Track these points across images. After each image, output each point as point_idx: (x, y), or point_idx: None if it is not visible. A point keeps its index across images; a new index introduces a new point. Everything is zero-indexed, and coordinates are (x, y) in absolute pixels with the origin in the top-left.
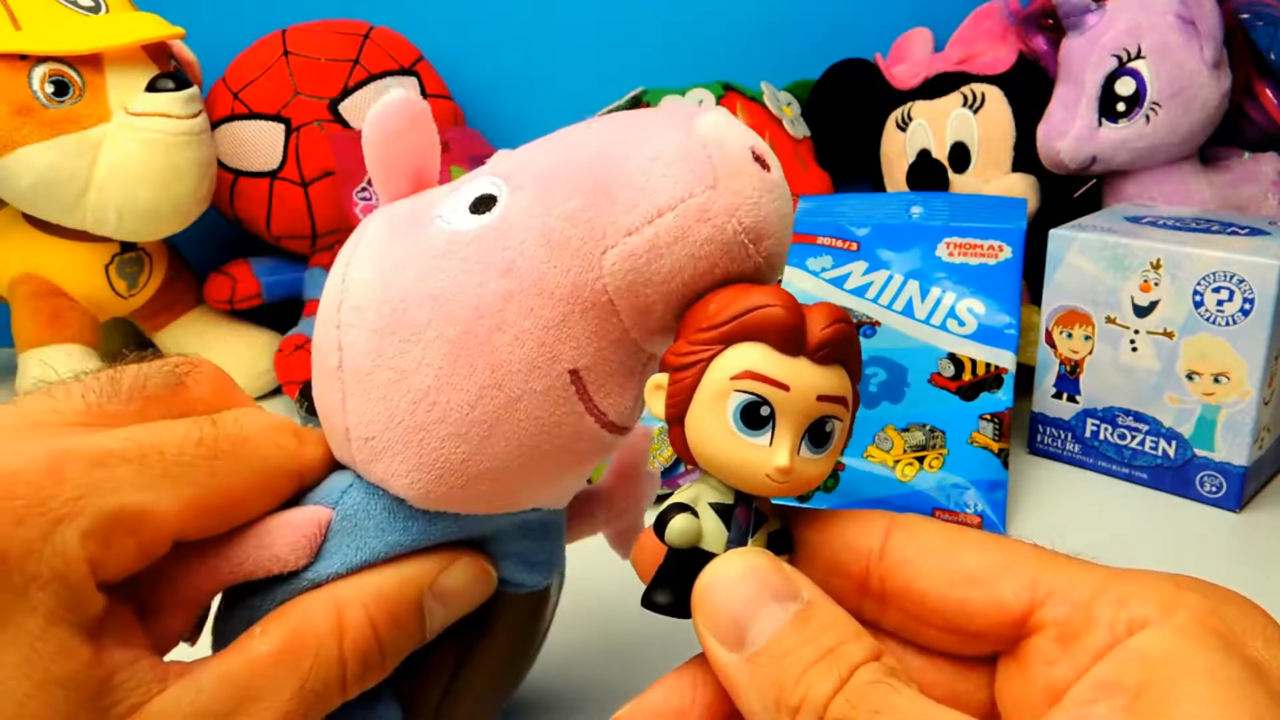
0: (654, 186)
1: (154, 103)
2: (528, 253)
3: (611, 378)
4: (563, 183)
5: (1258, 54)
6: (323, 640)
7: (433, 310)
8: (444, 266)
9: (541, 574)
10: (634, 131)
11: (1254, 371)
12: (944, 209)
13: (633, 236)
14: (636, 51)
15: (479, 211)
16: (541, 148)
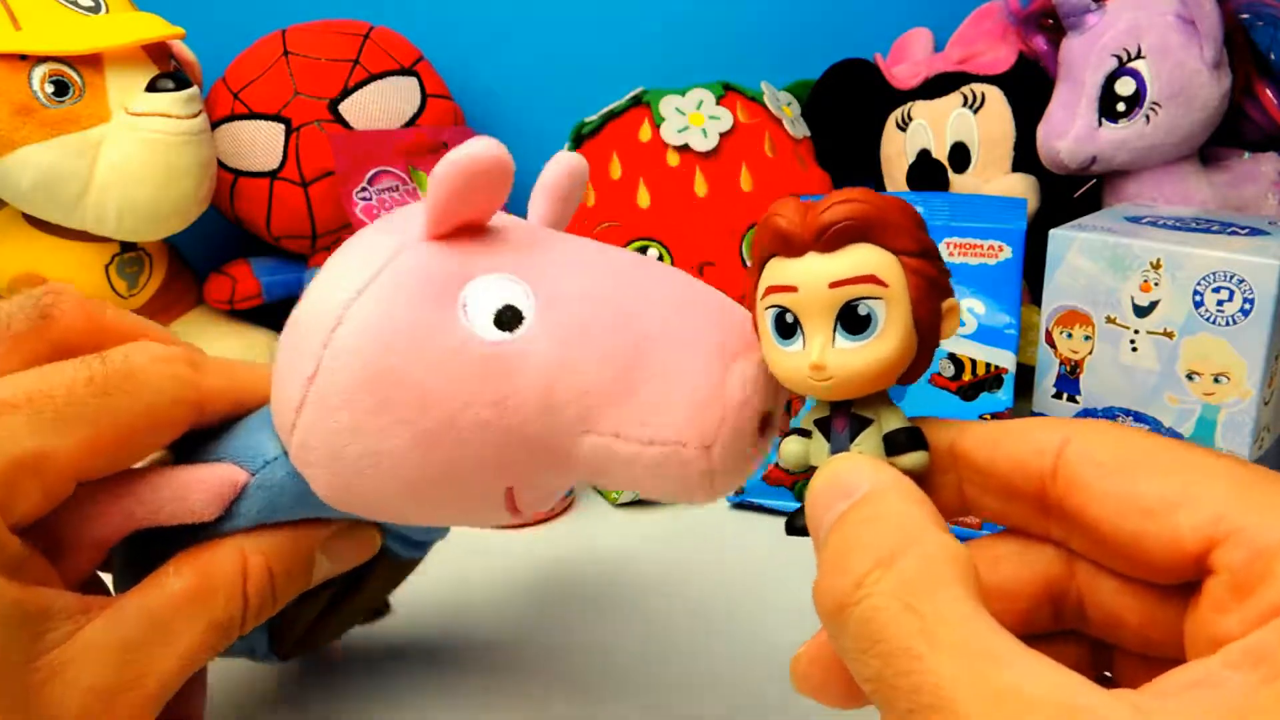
0: (661, 421)
1: (154, 103)
2: (522, 400)
3: (539, 495)
4: (590, 357)
5: (1258, 54)
6: (230, 582)
7: (416, 399)
8: (445, 370)
9: (420, 550)
10: (678, 348)
11: (1254, 371)
12: (944, 209)
13: (618, 442)
14: (636, 51)
15: (501, 325)
16: (590, 286)
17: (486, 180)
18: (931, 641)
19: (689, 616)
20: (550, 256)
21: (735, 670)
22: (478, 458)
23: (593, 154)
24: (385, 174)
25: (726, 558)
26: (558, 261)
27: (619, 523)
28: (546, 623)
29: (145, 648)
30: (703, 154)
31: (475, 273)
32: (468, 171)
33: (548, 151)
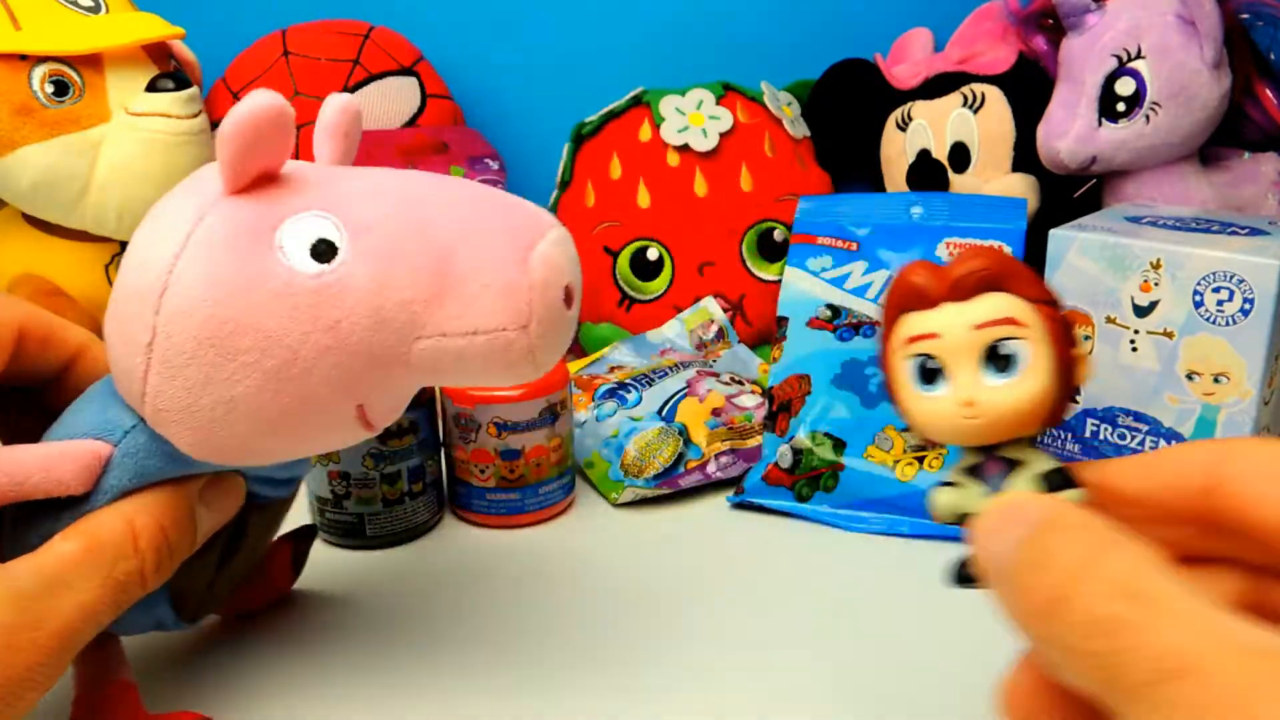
0: (479, 311)
1: (154, 103)
2: (355, 320)
3: (388, 405)
4: (404, 271)
5: (1258, 54)
6: (120, 542)
7: (256, 341)
8: (277, 308)
9: (286, 488)
10: (479, 247)
11: (1254, 371)
12: (944, 209)
13: (447, 339)
14: (636, 51)
15: (318, 257)
16: (391, 209)
17: (271, 130)
18: (1162, 613)
19: (689, 616)
20: (350, 188)
21: (735, 669)
22: (325, 383)
23: (593, 154)
24: None
25: (726, 558)
26: (358, 192)
27: (619, 523)
28: (546, 622)
29: (40, 598)
30: (703, 154)
31: (284, 215)
32: (252, 125)
33: (548, 151)
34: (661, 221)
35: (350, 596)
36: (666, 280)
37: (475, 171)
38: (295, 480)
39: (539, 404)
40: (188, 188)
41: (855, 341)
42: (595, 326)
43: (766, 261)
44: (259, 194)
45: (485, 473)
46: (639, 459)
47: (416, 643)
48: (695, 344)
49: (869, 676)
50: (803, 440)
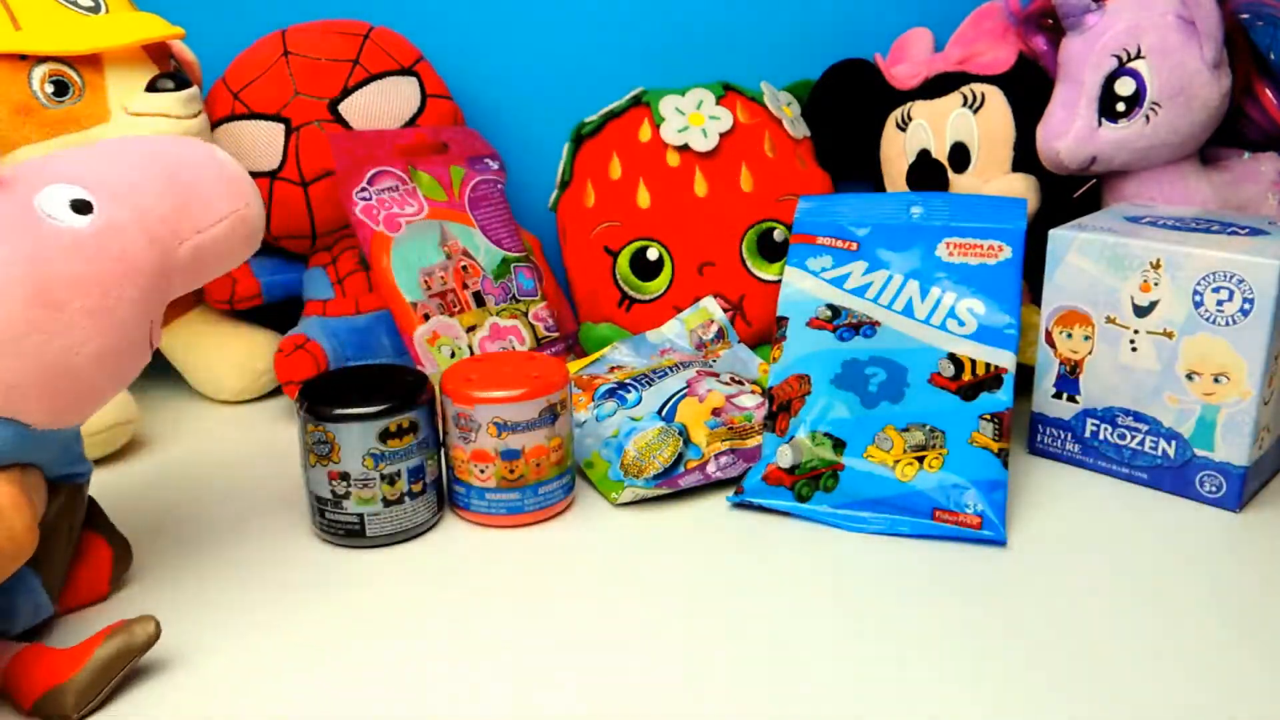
0: (214, 204)
1: (154, 103)
2: (134, 245)
3: (160, 322)
4: (152, 195)
5: (1258, 54)
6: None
7: (74, 289)
8: (74, 257)
9: (86, 464)
10: (189, 160)
11: (1254, 371)
12: (944, 209)
13: (203, 233)
14: (636, 51)
15: (82, 212)
16: (108, 165)
17: None
18: None
19: (688, 616)
20: (59, 166)
21: (734, 668)
22: (131, 308)
23: (593, 154)
24: (385, 174)
25: (726, 558)
26: (71, 161)
27: (619, 523)
28: (546, 621)
29: None
30: (703, 154)
31: (28, 194)
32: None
33: (548, 151)
34: (661, 221)
35: (350, 596)
36: (666, 280)
37: (475, 171)
38: (87, 464)
39: (539, 404)
40: None
41: (855, 341)
42: (595, 326)
43: (766, 261)
44: (11, 179)
45: (485, 472)
46: (639, 459)
47: (416, 641)
48: (695, 344)
49: (869, 675)
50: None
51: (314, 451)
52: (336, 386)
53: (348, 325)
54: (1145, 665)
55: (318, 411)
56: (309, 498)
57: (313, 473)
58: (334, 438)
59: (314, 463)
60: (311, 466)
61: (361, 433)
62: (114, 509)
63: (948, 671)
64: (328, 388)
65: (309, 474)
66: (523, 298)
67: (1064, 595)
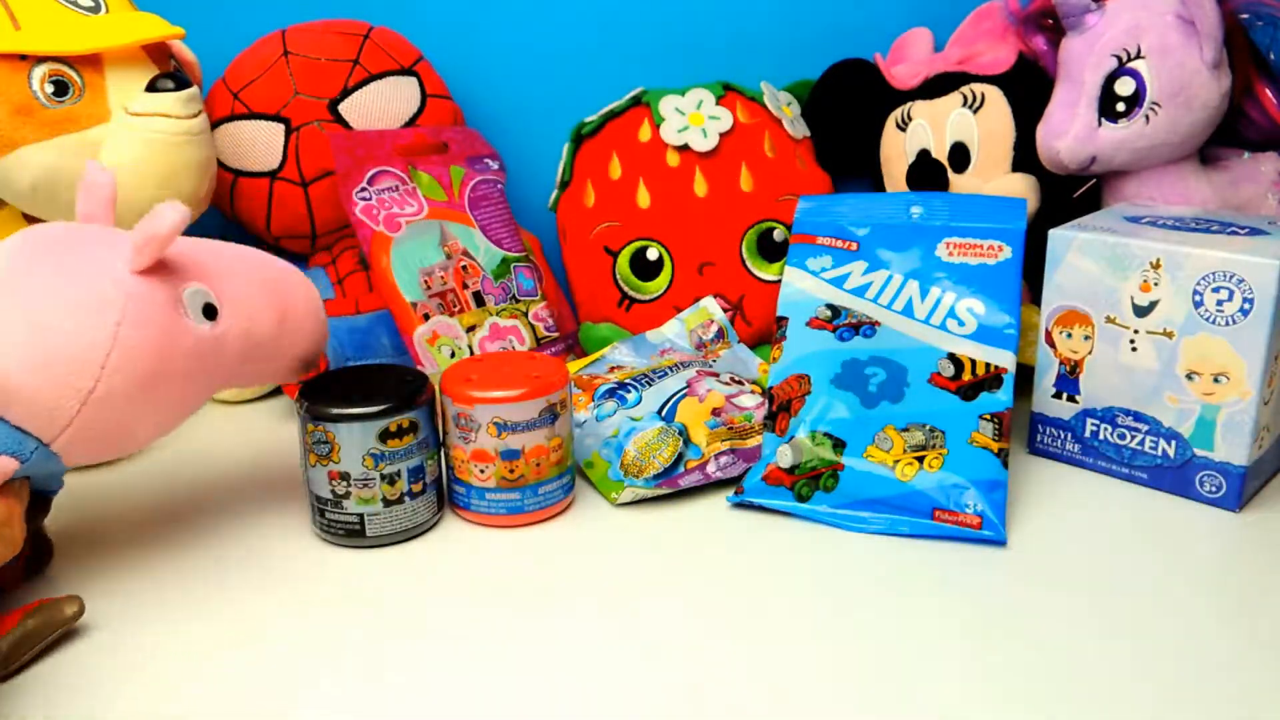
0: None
1: (154, 103)
2: (230, 360)
3: None
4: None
5: (1258, 54)
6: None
7: (173, 383)
8: (189, 357)
9: (60, 480)
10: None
11: (1254, 371)
12: (944, 209)
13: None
14: (636, 51)
15: (209, 316)
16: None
17: (176, 233)
18: None
19: (688, 615)
20: (215, 265)
21: (735, 668)
22: (203, 393)
23: (593, 154)
24: (385, 174)
25: (726, 558)
26: (222, 268)
27: (619, 523)
28: (546, 621)
29: None
30: (703, 154)
31: (181, 287)
32: (171, 234)
33: (548, 151)
34: (661, 221)
35: (349, 596)
36: (666, 280)
37: (475, 171)
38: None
39: (539, 404)
40: (86, 266)
41: (855, 341)
42: (595, 326)
43: (766, 261)
44: (159, 272)
45: (485, 472)
46: (639, 459)
47: (416, 640)
48: (695, 344)
49: (869, 675)
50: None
51: (314, 451)
52: (336, 386)
53: (348, 325)
54: (1145, 665)
55: (317, 411)
56: (309, 498)
57: (313, 473)
58: (334, 437)
59: (314, 463)
60: (312, 466)
61: (362, 432)
62: (112, 508)
63: (947, 671)
64: (328, 388)
65: (309, 474)
66: (523, 298)
67: (1064, 595)
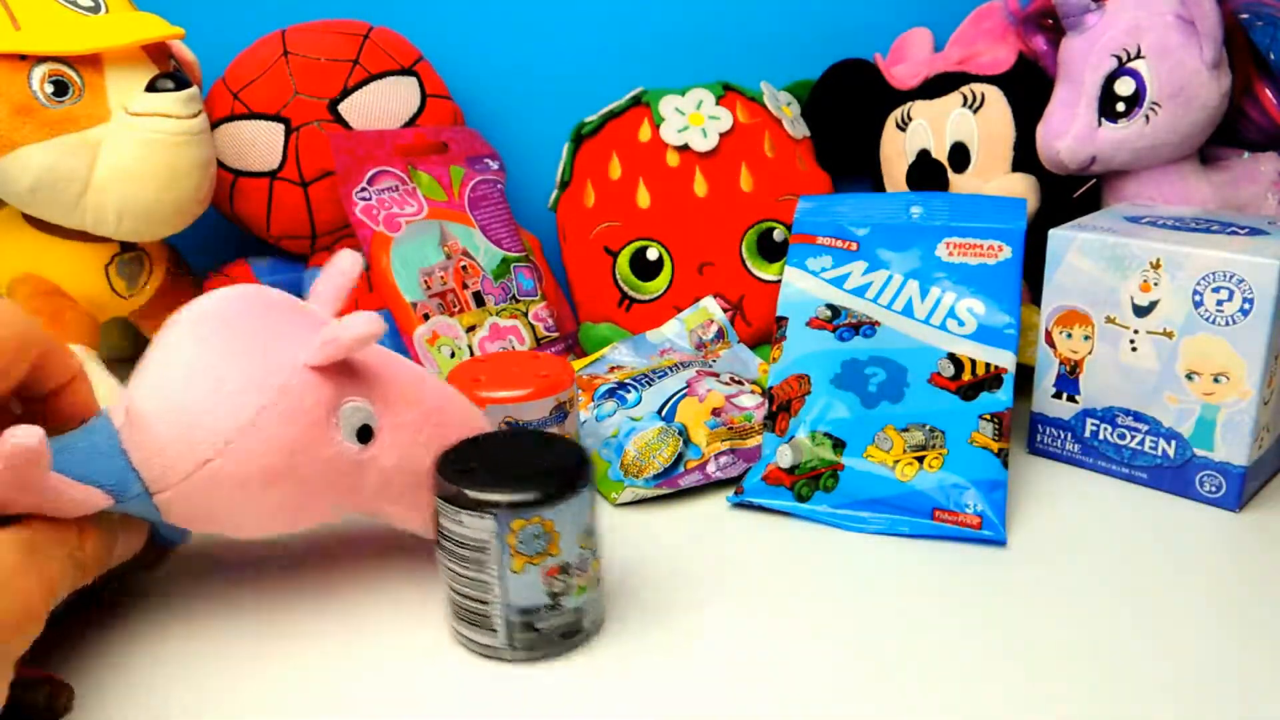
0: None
1: (154, 103)
2: (367, 487)
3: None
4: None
5: (1258, 54)
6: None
7: (293, 488)
8: (322, 469)
9: (181, 533)
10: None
11: (1254, 371)
12: (944, 209)
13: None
14: (636, 51)
15: (360, 438)
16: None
17: (370, 340)
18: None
19: (688, 616)
20: (390, 388)
21: (735, 669)
22: (326, 511)
23: (593, 154)
24: (385, 174)
25: (726, 558)
26: (394, 393)
27: (619, 523)
28: None
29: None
30: (703, 154)
31: (345, 398)
32: (365, 340)
33: (548, 151)
34: (661, 221)
35: (355, 598)
36: (666, 280)
37: (475, 171)
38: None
39: (549, 403)
40: (271, 342)
41: (855, 341)
42: (595, 326)
43: (766, 261)
44: (331, 373)
45: None
46: (639, 459)
47: (416, 640)
48: (695, 344)
49: (869, 676)
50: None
51: (521, 553)
52: (484, 471)
53: None
54: (1145, 665)
55: (528, 500)
56: (501, 616)
57: (516, 581)
58: (554, 526)
59: (520, 568)
60: (516, 574)
61: (578, 508)
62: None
63: (947, 671)
64: (477, 473)
65: (505, 585)
66: (523, 298)
67: (1064, 595)
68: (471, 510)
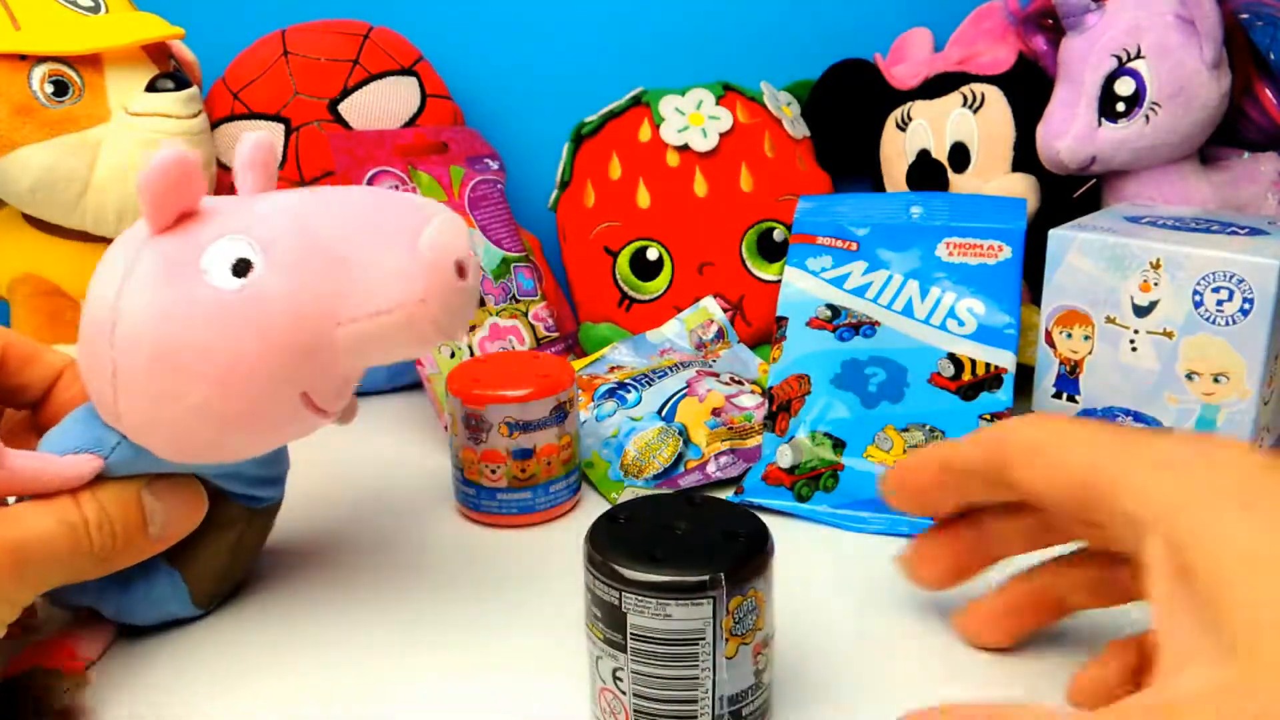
0: (379, 294)
1: (154, 103)
2: (278, 322)
3: (331, 390)
4: (312, 272)
5: (1258, 54)
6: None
7: (200, 357)
8: (211, 324)
9: (275, 490)
10: (370, 242)
11: (1254, 371)
12: (944, 209)
13: (358, 323)
14: (636, 51)
15: (239, 273)
16: (292, 223)
17: (178, 177)
18: None
19: None
20: (257, 211)
21: None
22: (267, 380)
23: (593, 154)
24: (385, 174)
25: None
26: (264, 213)
27: None
28: (548, 621)
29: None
30: (703, 154)
31: (204, 244)
32: (161, 177)
33: (548, 151)
34: (661, 221)
35: (358, 601)
36: (666, 280)
37: (475, 171)
38: (282, 481)
39: (549, 403)
40: (126, 234)
41: (855, 341)
42: (595, 326)
43: (766, 261)
44: (181, 230)
45: (496, 473)
46: (639, 459)
47: (416, 640)
48: (695, 344)
49: (868, 676)
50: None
51: (735, 634)
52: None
53: None
54: None
55: (741, 573)
56: (706, 715)
57: (733, 668)
58: (763, 598)
59: (733, 652)
60: (730, 660)
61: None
62: None
63: (947, 672)
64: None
65: (717, 675)
66: (522, 298)
67: None
68: (683, 597)
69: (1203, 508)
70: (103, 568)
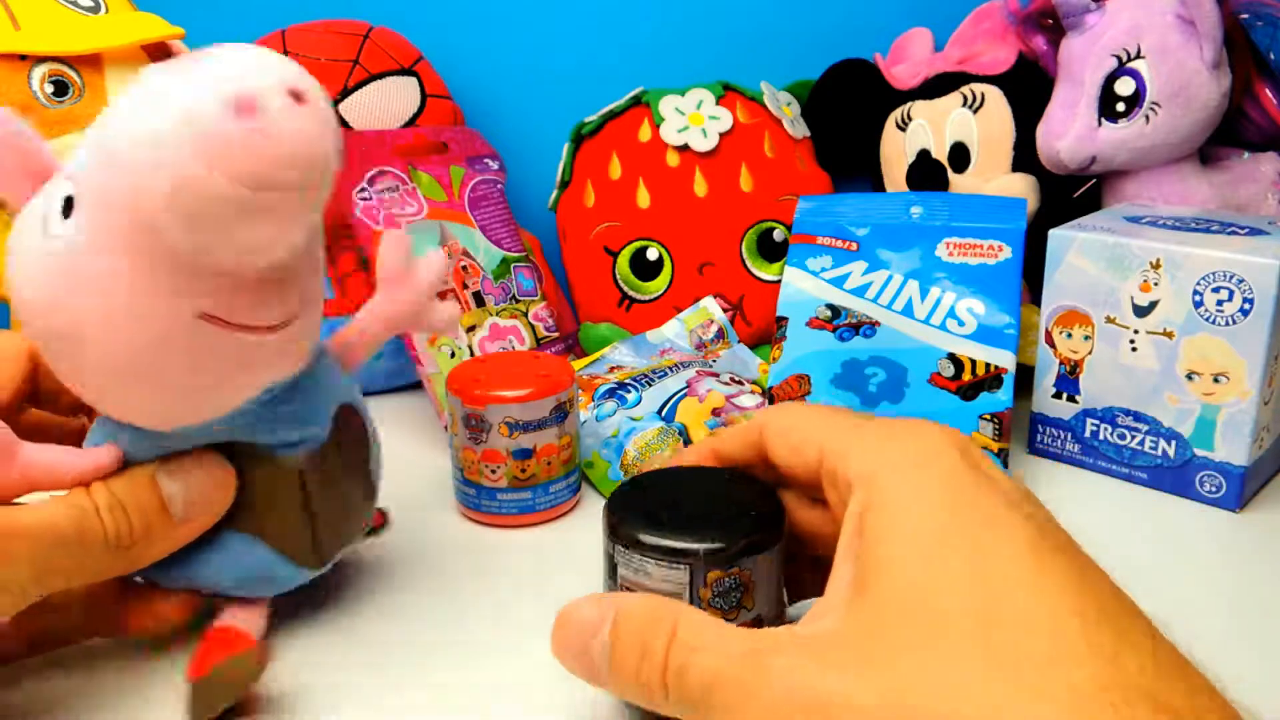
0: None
1: None
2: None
3: (236, 302)
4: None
5: (1258, 54)
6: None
7: (71, 318)
8: (63, 271)
9: (310, 429)
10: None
11: (1254, 371)
12: (944, 209)
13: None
14: (636, 51)
15: (67, 215)
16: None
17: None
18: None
19: None
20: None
21: None
22: (147, 300)
23: (593, 154)
24: (385, 174)
25: None
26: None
27: None
28: (547, 621)
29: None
30: (702, 154)
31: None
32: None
33: (548, 151)
34: (661, 221)
35: (361, 602)
36: (666, 280)
37: (475, 171)
38: (317, 418)
39: (549, 402)
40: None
41: (855, 341)
42: (595, 326)
43: (766, 261)
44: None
45: (497, 473)
46: (639, 459)
47: (416, 640)
48: (695, 344)
49: None
50: None
51: (715, 606)
52: (656, 522)
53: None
54: None
55: (729, 551)
56: None
57: None
58: (750, 575)
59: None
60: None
61: (775, 556)
62: None
63: None
64: (644, 520)
65: None
66: (522, 298)
67: None
68: (661, 559)
69: (891, 471)
70: (127, 557)
